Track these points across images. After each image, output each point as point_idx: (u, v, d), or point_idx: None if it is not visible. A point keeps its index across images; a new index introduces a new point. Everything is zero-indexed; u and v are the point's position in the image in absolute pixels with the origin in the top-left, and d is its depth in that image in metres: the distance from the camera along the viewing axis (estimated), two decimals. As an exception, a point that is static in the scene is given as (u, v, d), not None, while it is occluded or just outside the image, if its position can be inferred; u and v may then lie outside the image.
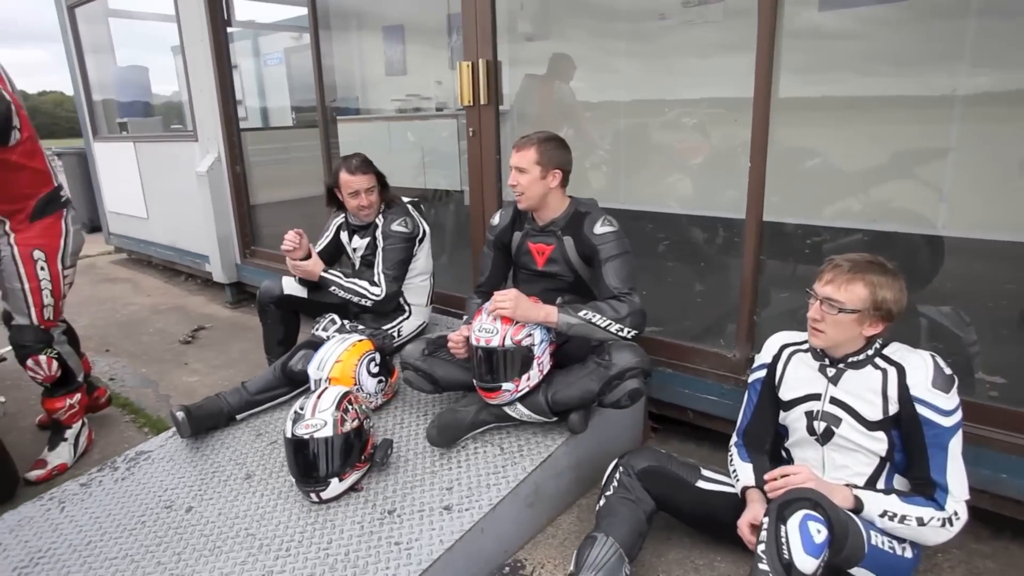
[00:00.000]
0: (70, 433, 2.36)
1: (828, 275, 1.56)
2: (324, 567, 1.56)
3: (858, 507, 1.48)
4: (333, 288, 2.44)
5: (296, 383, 2.29)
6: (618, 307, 1.90)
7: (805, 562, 1.28)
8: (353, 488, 1.82)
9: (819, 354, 1.65)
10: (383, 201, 2.50)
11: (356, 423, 1.82)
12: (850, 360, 1.59)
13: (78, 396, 2.35)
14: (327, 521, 1.72)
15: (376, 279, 2.44)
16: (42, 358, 2.19)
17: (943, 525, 1.45)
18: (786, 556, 1.29)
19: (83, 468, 2.21)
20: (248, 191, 4.24)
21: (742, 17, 3.10)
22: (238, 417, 2.23)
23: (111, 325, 4.05)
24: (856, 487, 1.53)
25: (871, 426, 1.55)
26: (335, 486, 1.76)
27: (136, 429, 2.66)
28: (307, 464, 1.76)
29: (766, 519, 1.37)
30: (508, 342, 1.85)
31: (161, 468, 2.04)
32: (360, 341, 2.21)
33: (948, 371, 1.50)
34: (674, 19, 4.96)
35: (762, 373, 1.79)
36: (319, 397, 1.83)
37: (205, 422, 2.15)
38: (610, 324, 1.88)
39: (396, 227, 2.43)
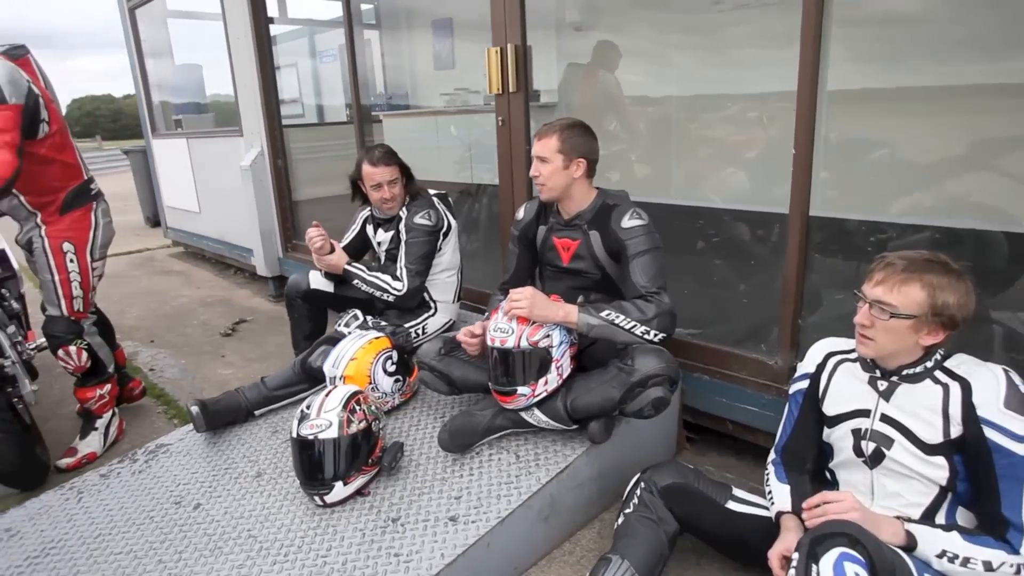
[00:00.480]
0: (100, 423, 2.39)
1: (879, 275, 1.36)
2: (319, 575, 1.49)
3: (911, 544, 1.29)
4: (356, 281, 2.37)
5: (316, 380, 2.24)
6: (644, 307, 1.75)
7: (840, 607, 1.11)
8: (359, 492, 1.74)
9: (869, 364, 1.45)
10: (408, 193, 2.42)
11: (363, 424, 1.74)
12: (905, 372, 1.39)
13: (108, 387, 2.38)
14: (329, 526, 1.65)
15: (399, 273, 2.36)
16: (72, 349, 2.22)
17: (1017, 572, 1.24)
18: (820, 599, 1.13)
19: (112, 457, 2.23)
20: (290, 186, 4.27)
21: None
22: (256, 413, 2.20)
23: (159, 316, 4.16)
24: (910, 520, 1.34)
25: (929, 450, 1.35)
26: (339, 490, 1.69)
27: (166, 420, 2.68)
28: (311, 466, 1.69)
29: (797, 554, 1.20)
30: (524, 343, 1.73)
31: (177, 462, 2.03)
32: (377, 339, 2.13)
33: (1027, 389, 1.29)
34: (729, 3, 4.71)
35: (804, 384, 1.60)
36: (327, 396, 1.77)
37: (222, 417, 2.12)
38: (635, 326, 1.73)
39: (419, 220, 2.35)
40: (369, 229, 2.56)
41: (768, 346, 2.03)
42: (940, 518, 1.38)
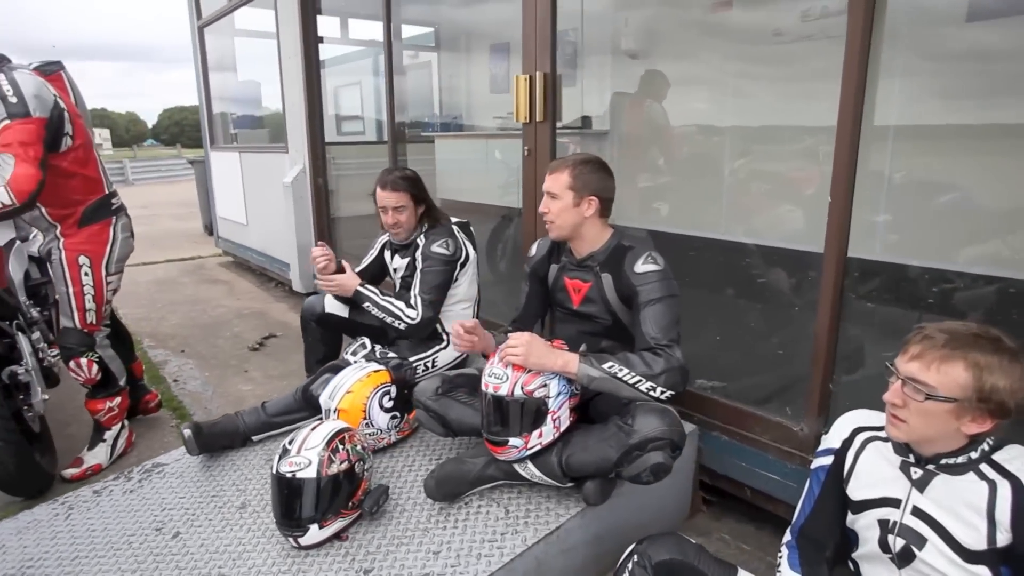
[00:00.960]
0: (109, 435, 2.40)
1: (916, 348, 1.18)
2: (278, 629, 1.40)
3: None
4: (367, 304, 2.29)
5: (316, 408, 2.17)
6: (652, 361, 1.60)
7: None
8: (337, 536, 1.65)
9: (902, 447, 1.26)
10: (421, 222, 2.34)
11: (346, 466, 1.65)
12: (944, 462, 1.20)
13: (118, 400, 2.39)
14: (299, 572, 1.56)
15: (412, 301, 2.28)
16: (83, 361, 2.24)
17: None
18: None
19: (119, 469, 2.23)
20: (329, 204, 4.30)
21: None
22: (254, 438, 2.15)
23: (196, 326, 4.24)
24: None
25: (969, 556, 1.15)
26: (314, 533, 1.60)
27: (177, 435, 2.67)
28: (287, 505, 1.61)
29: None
30: (518, 391, 1.61)
31: (168, 484, 1.99)
32: (376, 372, 2.06)
33: (1094, 497, 1.08)
34: (790, 35, 4.51)
35: (827, 460, 1.42)
36: (311, 432, 1.69)
37: (218, 440, 2.08)
38: (640, 381, 1.58)
39: (436, 248, 2.26)
40: (387, 255, 2.51)
41: (794, 410, 1.84)
42: (978, 635, 1.17)
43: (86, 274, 2.18)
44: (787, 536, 1.48)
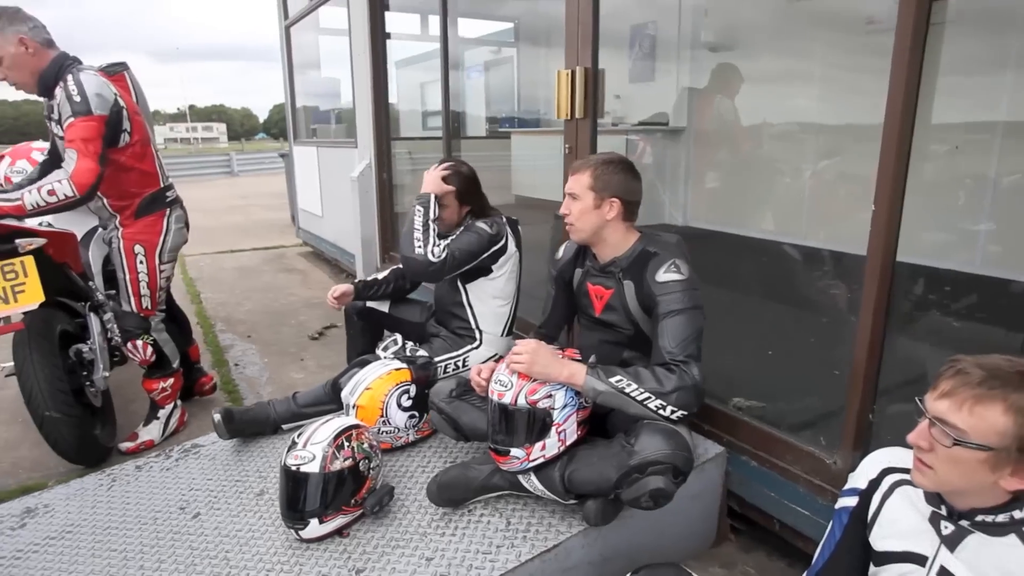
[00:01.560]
0: (163, 413, 2.55)
1: (947, 384, 1.02)
2: (264, 620, 1.42)
3: None
4: (415, 220, 2.12)
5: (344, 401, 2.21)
6: (664, 378, 1.49)
7: None
8: (339, 532, 1.66)
9: (935, 497, 1.10)
10: (464, 214, 2.27)
11: (349, 463, 1.66)
12: (981, 519, 1.03)
13: (171, 380, 2.53)
14: (296, 564, 1.58)
15: (441, 247, 2.12)
16: (139, 342, 2.39)
17: None
18: None
19: (170, 445, 2.36)
20: (393, 197, 4.38)
21: (978, 20, 2.41)
22: (284, 427, 2.21)
23: (266, 313, 4.45)
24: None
25: (1001, 632, 0.99)
26: (315, 527, 1.62)
27: (224, 418, 2.80)
28: (290, 497, 1.64)
29: None
30: (522, 401, 1.55)
31: (200, 465, 2.09)
32: (398, 370, 2.06)
33: None
34: (886, 23, 4.13)
35: (851, 501, 1.27)
36: (319, 427, 1.71)
37: (249, 427, 2.16)
38: (649, 398, 1.48)
39: (480, 223, 2.18)
40: None
41: (829, 439, 1.66)
42: None
43: (141, 262, 2.32)
44: (805, 581, 1.34)
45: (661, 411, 1.48)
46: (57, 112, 2.13)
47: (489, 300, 2.34)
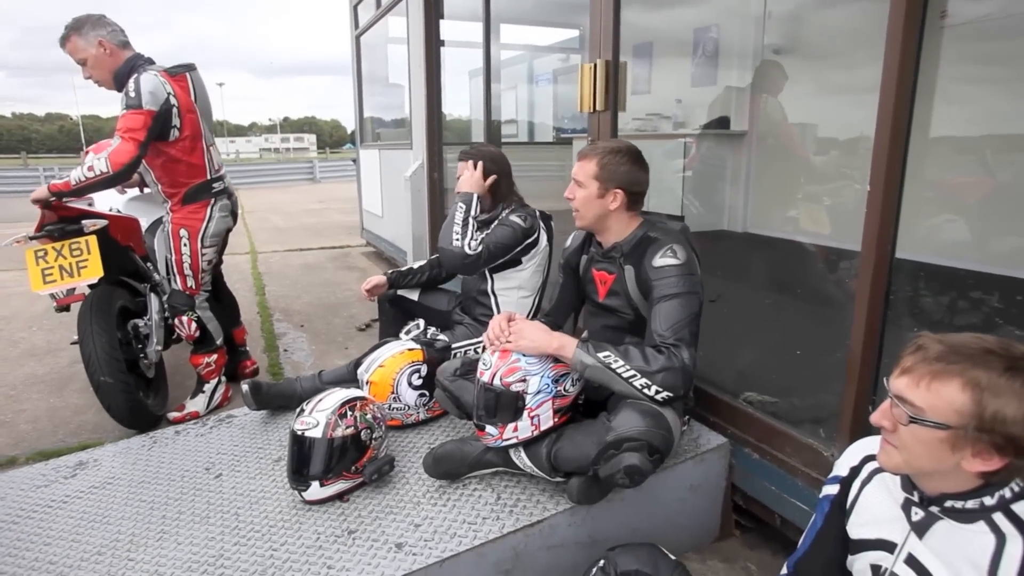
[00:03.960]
0: (208, 387, 2.74)
1: (907, 360, 0.98)
2: (259, 568, 1.51)
3: None
4: (457, 216, 2.21)
5: (366, 380, 2.31)
6: (652, 358, 1.49)
7: None
8: (340, 497, 1.75)
9: (908, 483, 1.06)
10: (498, 198, 2.34)
11: (351, 431, 1.74)
12: (950, 504, 0.99)
13: (215, 356, 2.73)
14: (297, 523, 1.67)
15: (478, 242, 2.20)
16: (184, 318, 2.59)
17: None
18: None
19: (207, 417, 2.55)
20: (443, 197, 4.51)
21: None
22: (309, 402, 2.33)
23: (321, 305, 4.67)
24: None
25: (961, 622, 0.94)
26: (316, 490, 1.71)
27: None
28: (295, 460, 1.74)
29: None
30: (496, 381, 1.59)
31: (230, 433, 2.24)
32: (411, 350, 2.13)
33: None
34: (958, 16, 3.98)
35: (833, 490, 1.23)
36: (326, 396, 1.81)
37: (275, 400, 2.29)
38: (634, 376, 1.48)
39: (514, 217, 2.25)
40: None
41: (828, 431, 1.59)
42: None
43: (185, 244, 2.52)
44: (784, 569, 1.31)
45: (646, 390, 1.47)
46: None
47: (514, 291, 2.38)
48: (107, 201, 2.82)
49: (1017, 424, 0.88)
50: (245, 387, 2.23)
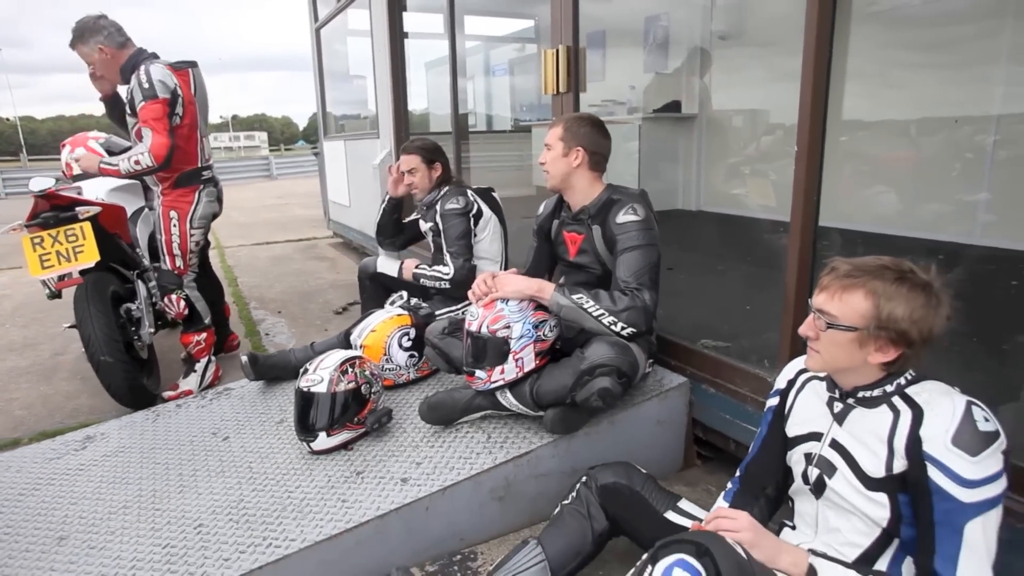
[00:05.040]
0: (199, 366, 2.87)
1: (824, 280, 1.23)
2: (279, 507, 1.69)
3: (810, 578, 1.15)
4: (422, 281, 2.57)
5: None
6: (618, 299, 1.72)
7: (656, 609, 1.04)
8: (344, 447, 1.93)
9: (831, 384, 1.30)
10: (438, 185, 2.58)
11: (352, 385, 1.93)
12: (861, 395, 1.23)
13: (204, 335, 2.86)
14: (308, 470, 1.85)
15: (445, 260, 2.52)
16: (173, 297, 2.73)
17: None
18: (640, 598, 1.06)
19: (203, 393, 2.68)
20: (411, 184, 4.66)
21: None
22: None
23: (295, 293, 4.78)
24: (825, 557, 1.18)
25: (870, 484, 1.19)
26: (323, 440, 1.89)
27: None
28: (302, 414, 1.91)
29: (645, 556, 1.14)
30: (484, 329, 1.79)
31: (230, 403, 2.39)
32: (400, 315, 2.32)
33: (988, 426, 1.08)
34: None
35: (774, 401, 1.48)
36: (329, 355, 1.98)
37: (272, 371, 2.45)
38: (603, 314, 1.71)
39: (449, 205, 2.51)
40: (421, 224, 2.77)
41: (771, 362, 1.85)
42: (882, 565, 1.20)
43: (174, 225, 2.66)
44: (737, 472, 1.55)
45: (613, 327, 1.70)
46: (129, 96, 2.55)
47: (478, 260, 2.60)
48: (92, 190, 2.91)
49: (905, 320, 1.13)
50: (244, 358, 2.38)
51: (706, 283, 3.27)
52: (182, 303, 2.73)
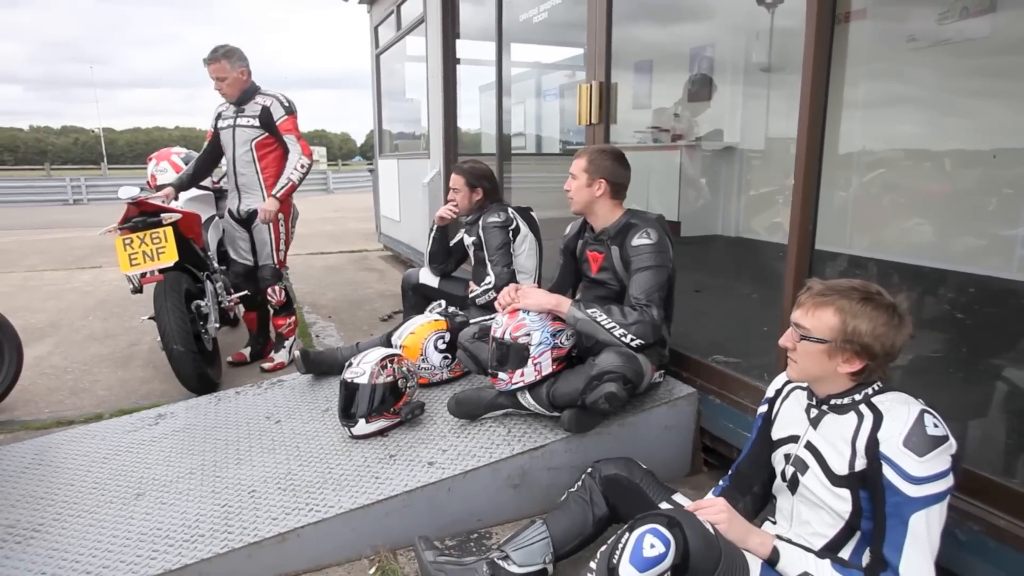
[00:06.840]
0: (288, 343, 3.39)
1: (801, 297, 1.40)
2: (320, 479, 1.93)
3: (773, 559, 1.30)
4: (479, 301, 2.75)
5: (397, 349, 2.72)
6: (628, 313, 1.90)
7: (628, 572, 1.21)
8: (381, 433, 2.16)
9: (810, 392, 1.46)
10: (480, 203, 2.80)
11: (390, 379, 2.16)
12: (834, 402, 1.39)
13: (293, 318, 3.39)
14: (347, 451, 2.09)
15: (488, 271, 2.72)
16: (276, 287, 3.26)
17: None
18: (614, 562, 1.24)
19: (259, 380, 2.96)
20: (458, 202, 4.94)
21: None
22: (348, 367, 2.76)
23: (345, 300, 5.11)
24: (790, 542, 1.34)
25: (835, 480, 1.34)
26: (362, 426, 2.13)
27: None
28: (345, 402, 2.16)
29: (624, 526, 1.31)
30: (507, 336, 2.00)
31: (283, 392, 2.66)
32: (436, 320, 2.55)
33: (937, 431, 1.23)
34: (925, 40, 4.36)
35: (764, 408, 1.64)
36: (372, 351, 2.23)
37: (320, 366, 2.72)
38: (614, 327, 1.89)
39: (490, 219, 2.72)
40: (465, 239, 3.01)
41: (772, 375, 1.99)
42: (845, 554, 1.35)
43: (282, 225, 3.21)
44: (729, 471, 1.70)
45: (624, 338, 1.88)
46: (256, 112, 3.12)
47: (516, 274, 2.81)
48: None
49: (868, 335, 1.28)
50: (297, 353, 2.67)
51: (730, 305, 3.40)
52: (283, 292, 3.23)
